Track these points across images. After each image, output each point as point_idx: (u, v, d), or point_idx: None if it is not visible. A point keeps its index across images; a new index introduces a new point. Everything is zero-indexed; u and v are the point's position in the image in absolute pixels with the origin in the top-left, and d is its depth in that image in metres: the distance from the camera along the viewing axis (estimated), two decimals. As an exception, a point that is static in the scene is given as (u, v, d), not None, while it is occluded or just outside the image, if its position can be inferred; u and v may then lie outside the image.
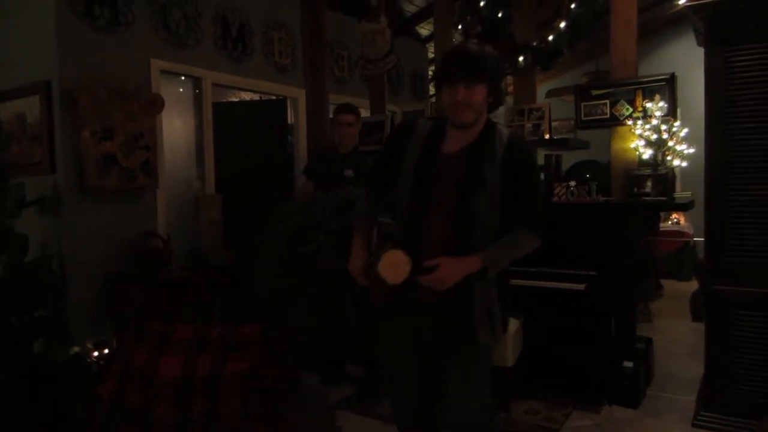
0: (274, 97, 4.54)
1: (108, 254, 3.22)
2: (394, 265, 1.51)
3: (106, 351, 2.83)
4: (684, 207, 3.11)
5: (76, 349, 2.86)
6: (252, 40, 4.16)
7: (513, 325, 2.96)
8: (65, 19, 3.03)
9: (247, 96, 4.89)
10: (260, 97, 4.68)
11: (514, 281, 3.02)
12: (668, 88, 3.03)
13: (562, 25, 3.51)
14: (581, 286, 2.85)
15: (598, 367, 2.96)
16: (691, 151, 3.03)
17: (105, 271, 3.19)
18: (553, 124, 3.82)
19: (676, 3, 4.80)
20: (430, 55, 6.00)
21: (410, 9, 5.67)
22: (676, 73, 3.09)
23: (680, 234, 5.43)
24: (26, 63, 3.18)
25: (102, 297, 3.19)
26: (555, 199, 3.23)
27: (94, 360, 2.82)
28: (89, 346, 2.86)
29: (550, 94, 6.09)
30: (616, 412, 2.89)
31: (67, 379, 2.77)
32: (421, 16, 5.71)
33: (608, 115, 3.21)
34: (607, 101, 3.22)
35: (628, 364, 2.97)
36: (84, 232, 3.13)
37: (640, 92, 3.11)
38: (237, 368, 2.39)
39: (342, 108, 3.47)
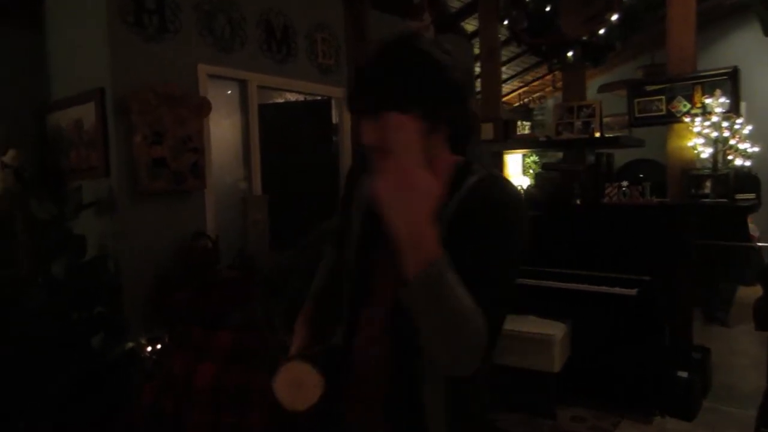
0: (318, 98, 4.58)
1: (159, 254, 3.33)
2: (297, 386, 0.97)
3: (159, 346, 2.94)
4: (746, 210, 2.93)
5: (130, 344, 2.99)
6: (296, 41, 4.19)
7: (560, 329, 2.89)
8: (116, 29, 3.14)
9: (292, 97, 4.95)
10: (305, 98, 4.73)
11: (561, 285, 2.99)
12: (730, 82, 2.86)
13: (614, 17, 3.35)
14: (633, 291, 2.77)
15: (650, 375, 2.84)
16: (756, 149, 2.84)
17: (156, 270, 3.31)
18: (606, 120, 3.67)
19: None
20: (477, 51, 5.89)
21: (455, 5, 5.57)
22: (739, 66, 2.91)
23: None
24: (82, 72, 3.32)
25: (154, 295, 3.31)
26: (606, 200, 3.12)
27: (148, 355, 2.94)
28: (143, 341, 2.98)
29: (601, 89, 5.85)
30: (668, 424, 2.78)
31: (123, 373, 2.91)
32: (466, 11, 5.61)
33: (664, 112, 3.07)
34: (663, 97, 3.08)
35: (683, 373, 2.84)
36: (136, 233, 3.25)
37: (699, 87, 2.95)
38: (266, 380, 2.40)
39: None
